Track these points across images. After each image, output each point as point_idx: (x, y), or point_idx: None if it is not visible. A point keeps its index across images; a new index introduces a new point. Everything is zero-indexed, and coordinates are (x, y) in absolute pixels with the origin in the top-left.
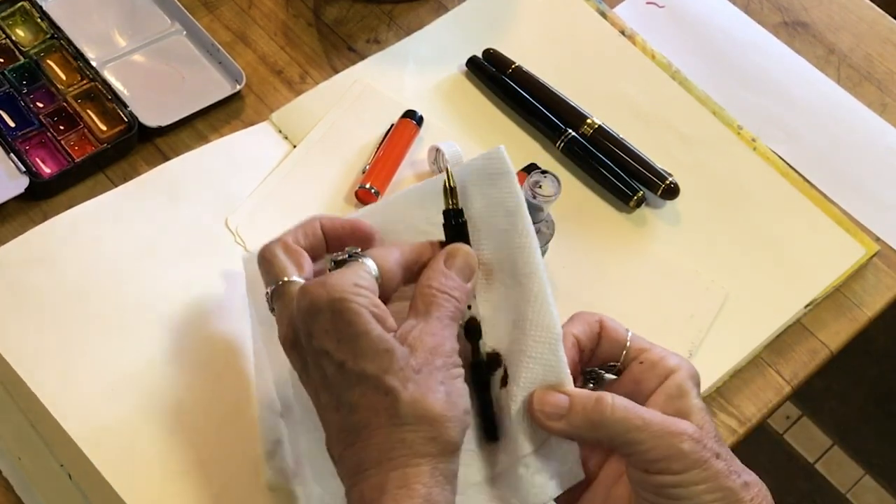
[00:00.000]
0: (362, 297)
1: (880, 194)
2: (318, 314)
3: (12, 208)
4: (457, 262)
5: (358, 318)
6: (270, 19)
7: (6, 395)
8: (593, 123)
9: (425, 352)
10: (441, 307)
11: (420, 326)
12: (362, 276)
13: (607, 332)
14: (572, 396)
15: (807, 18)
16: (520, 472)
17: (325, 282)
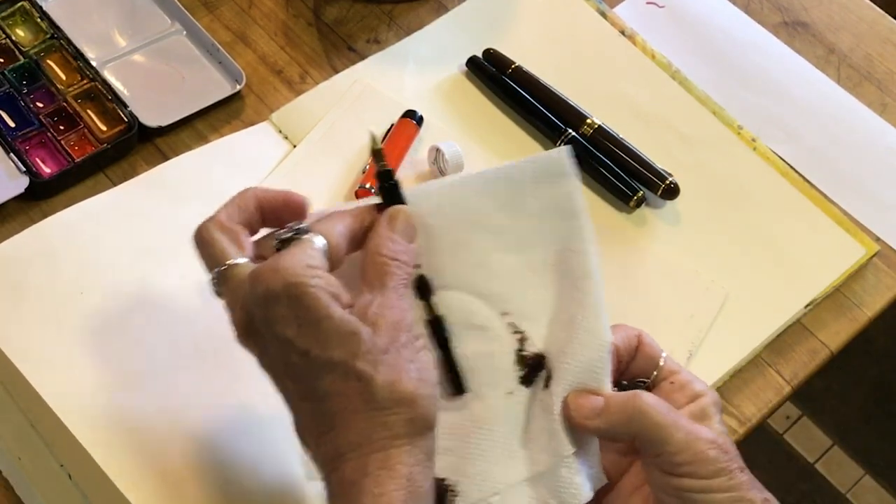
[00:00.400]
0: (317, 278)
1: (880, 194)
2: (275, 301)
3: (12, 208)
4: (398, 225)
5: (317, 302)
6: (270, 19)
7: (6, 395)
8: (593, 123)
9: (389, 328)
10: (394, 275)
11: (378, 301)
12: (312, 254)
13: (644, 348)
14: (607, 397)
15: (807, 18)
16: (562, 473)
17: (276, 265)
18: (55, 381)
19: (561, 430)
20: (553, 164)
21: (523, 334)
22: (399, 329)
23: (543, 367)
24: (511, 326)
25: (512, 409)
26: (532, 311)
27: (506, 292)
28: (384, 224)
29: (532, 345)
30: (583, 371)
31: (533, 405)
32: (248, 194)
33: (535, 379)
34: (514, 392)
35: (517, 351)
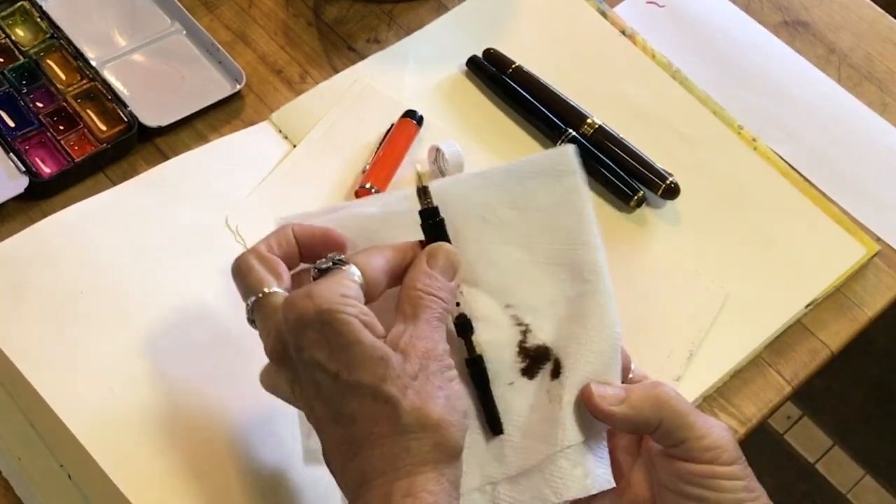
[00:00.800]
0: (350, 306)
1: (881, 194)
2: (307, 327)
3: (12, 208)
4: (439, 262)
5: (348, 327)
6: (270, 19)
7: (6, 396)
8: (593, 123)
9: (419, 357)
10: (428, 309)
11: (410, 331)
12: (347, 284)
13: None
14: (626, 387)
15: (807, 18)
16: (561, 464)
17: (310, 293)
18: (55, 380)
19: (567, 420)
20: (559, 160)
21: (527, 326)
22: (429, 357)
23: (548, 359)
24: (514, 319)
25: (512, 399)
26: (537, 304)
27: (510, 285)
28: (423, 260)
29: (535, 337)
30: (597, 362)
31: (539, 397)
32: (287, 229)
33: (539, 371)
34: (514, 383)
35: (520, 342)
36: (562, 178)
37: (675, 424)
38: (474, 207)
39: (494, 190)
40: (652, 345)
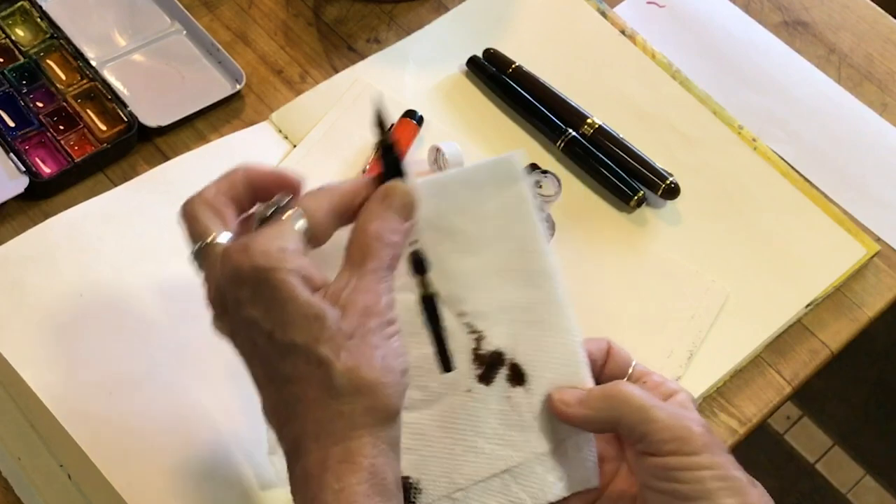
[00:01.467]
0: (287, 261)
1: (881, 194)
2: (242, 283)
3: (12, 208)
4: (395, 202)
5: (283, 285)
6: (270, 19)
7: (6, 395)
8: (594, 123)
9: (358, 313)
10: (376, 257)
11: (353, 283)
12: (287, 234)
13: (614, 352)
14: (589, 388)
15: (807, 18)
16: (536, 469)
17: (247, 246)
18: (54, 382)
19: (537, 426)
20: (505, 168)
21: (480, 333)
22: (369, 314)
23: (503, 364)
24: (467, 326)
25: (471, 406)
26: (489, 311)
27: (462, 293)
28: (377, 199)
29: (489, 343)
30: (561, 367)
31: (500, 403)
32: (239, 172)
33: (495, 377)
34: (472, 390)
35: (473, 350)
36: (509, 185)
37: (635, 420)
38: (426, 214)
39: (445, 198)
40: (652, 345)
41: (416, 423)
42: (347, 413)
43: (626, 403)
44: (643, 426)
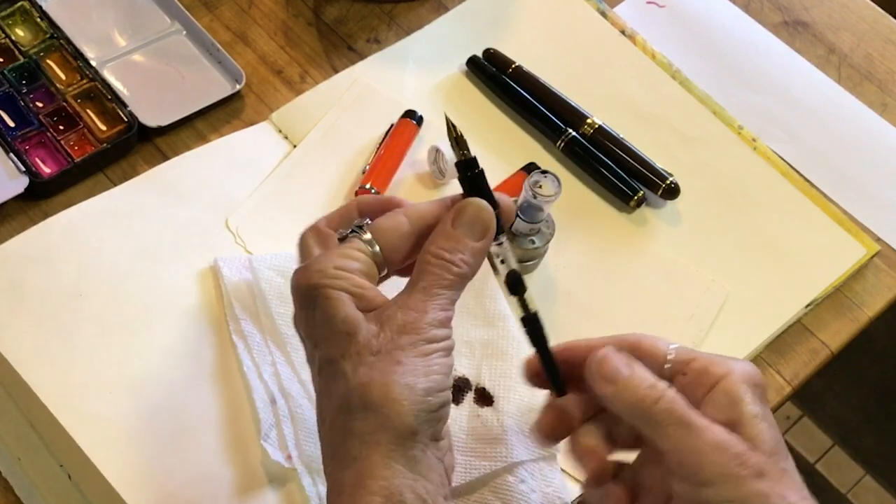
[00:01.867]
0: (340, 279)
1: (881, 194)
2: (298, 298)
3: (12, 208)
4: (464, 219)
5: (328, 302)
6: (270, 19)
7: (6, 395)
8: (593, 123)
9: (392, 330)
10: (430, 275)
11: (401, 301)
12: (349, 255)
13: (643, 349)
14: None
15: (807, 18)
16: (507, 478)
17: (309, 265)
18: (53, 383)
19: (507, 440)
20: None
21: None
22: (405, 331)
23: (470, 388)
24: None
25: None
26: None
27: None
28: (447, 219)
29: (455, 370)
30: (524, 391)
31: (471, 421)
32: (352, 202)
33: (463, 398)
34: None
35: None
36: None
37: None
38: None
39: None
40: None
41: None
42: (358, 431)
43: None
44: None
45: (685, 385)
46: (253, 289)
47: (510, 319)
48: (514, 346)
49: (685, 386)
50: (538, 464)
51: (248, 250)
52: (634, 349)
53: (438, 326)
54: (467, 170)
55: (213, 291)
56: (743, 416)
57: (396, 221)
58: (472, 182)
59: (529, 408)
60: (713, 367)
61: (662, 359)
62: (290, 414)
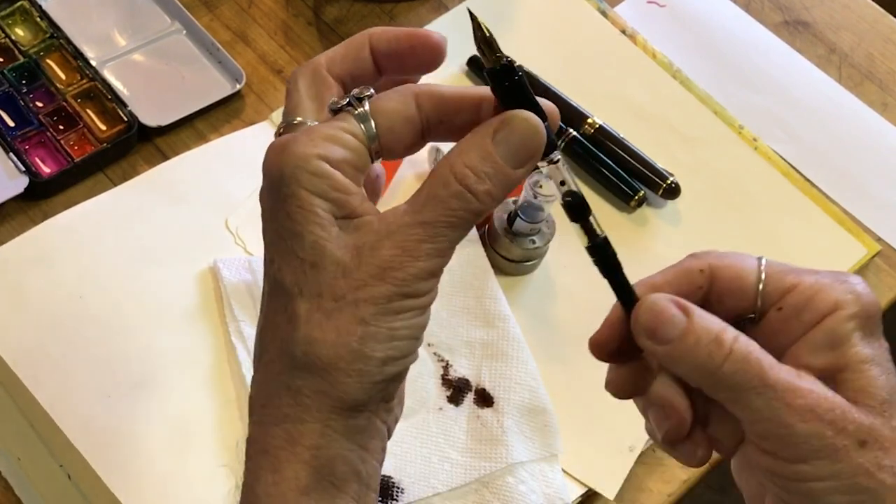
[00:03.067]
0: (320, 178)
1: (881, 194)
2: (268, 188)
3: (12, 208)
4: (511, 136)
5: (298, 211)
6: (270, 18)
7: (6, 396)
8: (594, 123)
9: (368, 270)
10: (442, 205)
11: (393, 227)
12: (338, 138)
13: (722, 275)
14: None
15: (808, 18)
16: (507, 479)
17: (286, 146)
18: (53, 385)
19: (508, 441)
20: None
21: (447, 362)
22: (383, 277)
23: (470, 389)
24: (436, 356)
25: (444, 422)
26: (453, 345)
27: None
28: (488, 130)
29: (455, 371)
30: (524, 391)
31: (471, 421)
32: (362, 36)
33: (463, 399)
34: (443, 409)
35: (442, 375)
36: (466, 244)
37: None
38: None
39: None
40: None
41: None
42: (295, 390)
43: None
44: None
45: (780, 321)
46: (252, 290)
47: (510, 320)
48: (515, 346)
49: (780, 322)
50: (539, 465)
51: (248, 251)
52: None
53: (427, 277)
54: (505, 78)
55: (212, 293)
56: (850, 361)
57: (404, 104)
58: (516, 90)
59: (530, 408)
60: (816, 301)
61: (750, 292)
62: None
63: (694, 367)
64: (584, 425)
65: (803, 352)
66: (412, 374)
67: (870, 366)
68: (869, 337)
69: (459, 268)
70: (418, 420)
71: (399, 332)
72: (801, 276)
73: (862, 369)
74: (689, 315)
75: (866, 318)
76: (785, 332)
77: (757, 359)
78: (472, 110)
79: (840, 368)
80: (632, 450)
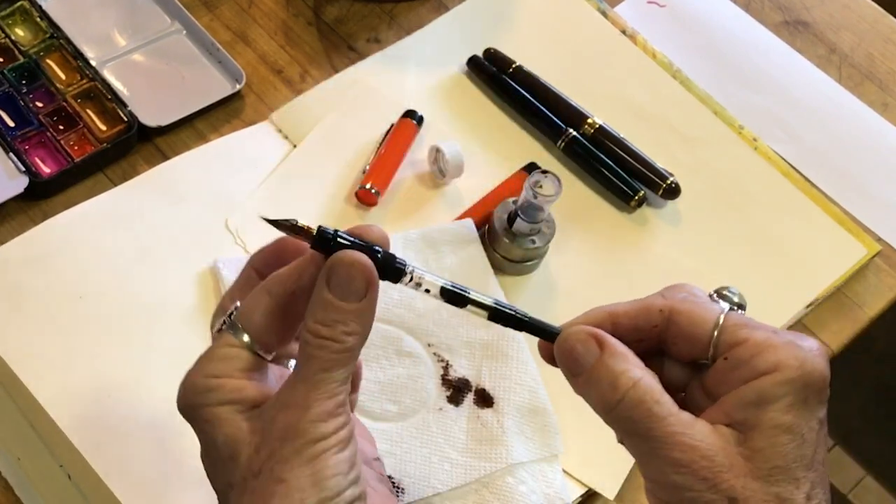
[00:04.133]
0: (215, 391)
1: (882, 194)
2: (185, 419)
3: (12, 208)
4: (337, 279)
5: (206, 425)
6: (270, 18)
7: (6, 396)
8: (594, 123)
9: (273, 439)
10: (310, 360)
11: (282, 396)
12: (222, 354)
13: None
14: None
15: (808, 18)
16: (507, 480)
17: (184, 381)
18: (52, 385)
19: (508, 441)
20: (463, 231)
21: (447, 362)
22: (287, 437)
23: (470, 389)
24: (436, 356)
25: (444, 423)
26: (453, 345)
27: (429, 328)
28: (320, 283)
29: (455, 371)
30: (524, 392)
31: (471, 422)
32: (249, 264)
33: (463, 399)
34: (443, 409)
35: (442, 376)
36: (465, 246)
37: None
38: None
39: (412, 249)
40: None
41: (394, 432)
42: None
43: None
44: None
45: (723, 371)
46: None
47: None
48: (515, 347)
49: (723, 372)
50: (539, 465)
51: (248, 251)
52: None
53: (326, 419)
54: (325, 243)
55: (212, 293)
56: (760, 422)
57: (256, 300)
58: (327, 242)
59: (530, 409)
60: (759, 359)
61: (706, 337)
62: None
63: (595, 401)
64: (584, 425)
65: (730, 402)
66: (412, 374)
67: (777, 432)
68: (800, 405)
69: (459, 268)
70: (418, 420)
71: (323, 474)
72: (754, 332)
73: (769, 434)
74: (602, 350)
75: (803, 385)
76: (725, 382)
77: (648, 408)
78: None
79: (751, 427)
80: None
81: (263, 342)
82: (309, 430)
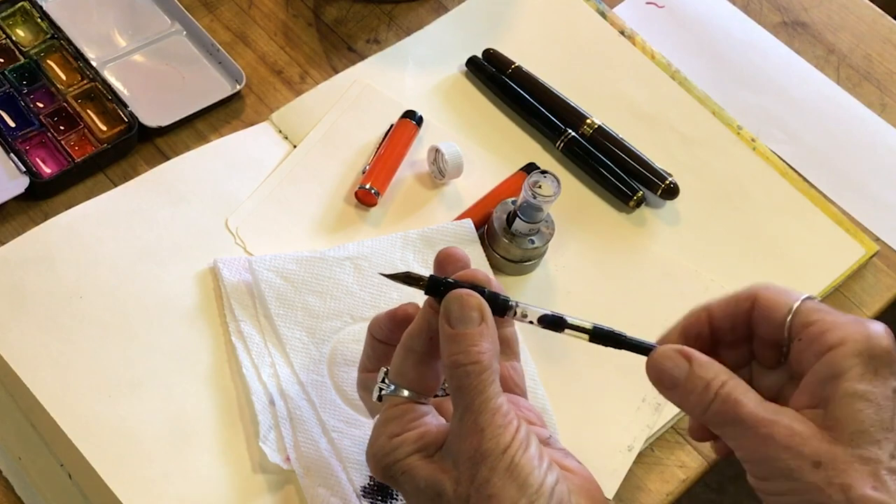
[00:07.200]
0: (400, 447)
1: (880, 194)
2: (383, 478)
3: (12, 208)
4: (454, 314)
5: (403, 476)
6: (270, 19)
7: (6, 395)
8: (593, 123)
9: (467, 467)
10: (462, 391)
11: (456, 430)
12: (393, 415)
13: (761, 305)
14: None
15: (806, 18)
16: None
17: (368, 452)
18: (53, 385)
19: None
20: (463, 231)
21: None
22: (478, 461)
23: None
24: None
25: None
26: None
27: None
28: (442, 324)
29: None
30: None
31: None
32: (368, 332)
33: None
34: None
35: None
36: (466, 245)
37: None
38: (393, 261)
39: (411, 249)
40: None
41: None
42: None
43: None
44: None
45: (798, 351)
46: (252, 290)
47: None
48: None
49: (798, 352)
50: None
51: (248, 251)
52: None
53: (502, 432)
54: (436, 289)
55: (212, 292)
56: (836, 394)
57: (402, 359)
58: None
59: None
60: (828, 335)
61: (780, 319)
62: (289, 415)
63: (692, 405)
64: (583, 425)
65: (808, 382)
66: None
67: (853, 400)
68: (871, 375)
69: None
70: None
71: (522, 476)
72: (824, 314)
73: (844, 403)
74: (691, 362)
75: (870, 357)
76: (802, 361)
77: (735, 400)
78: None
79: (829, 399)
80: (630, 449)
81: (422, 390)
82: (492, 448)
